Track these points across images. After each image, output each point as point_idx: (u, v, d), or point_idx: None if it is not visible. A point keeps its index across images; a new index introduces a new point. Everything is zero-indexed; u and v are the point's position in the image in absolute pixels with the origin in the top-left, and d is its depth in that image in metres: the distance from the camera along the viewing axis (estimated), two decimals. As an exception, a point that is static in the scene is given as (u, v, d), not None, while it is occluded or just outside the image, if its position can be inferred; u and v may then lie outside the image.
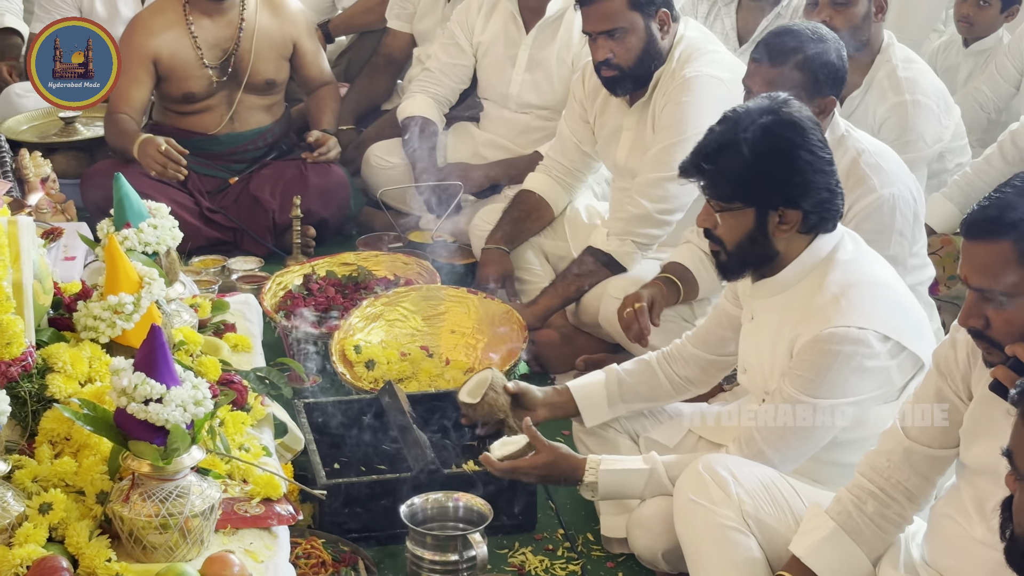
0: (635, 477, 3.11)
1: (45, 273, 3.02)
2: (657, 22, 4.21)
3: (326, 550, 3.19)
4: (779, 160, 2.96)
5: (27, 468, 2.67)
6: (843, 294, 2.98)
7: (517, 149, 5.20)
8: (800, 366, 2.97)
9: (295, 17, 5.37)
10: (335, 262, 4.71)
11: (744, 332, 3.22)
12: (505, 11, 5.19)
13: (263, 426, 3.17)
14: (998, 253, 2.42)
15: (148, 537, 2.54)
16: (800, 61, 3.53)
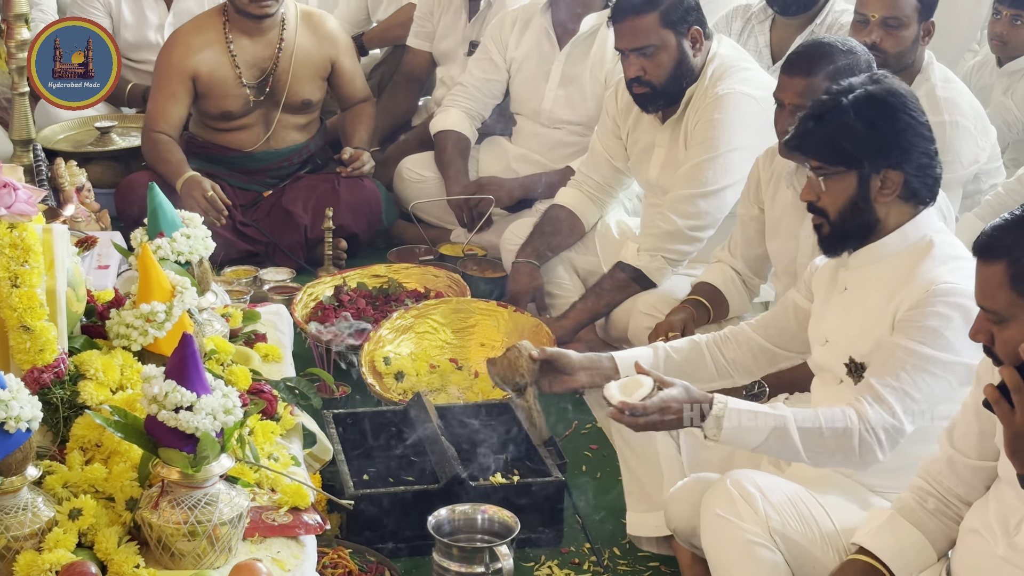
0: (765, 421, 2.95)
1: (79, 281, 3.05)
2: (689, 40, 4.22)
3: (353, 560, 3.20)
4: (882, 122, 2.98)
5: (58, 474, 2.70)
6: (952, 262, 2.98)
7: (549, 164, 5.22)
8: (916, 319, 2.93)
9: (334, 38, 5.39)
10: (366, 274, 4.74)
11: (831, 304, 3.17)
12: (539, 27, 5.21)
13: (292, 436, 3.18)
14: (992, 274, 2.46)
15: (176, 544, 2.56)
16: (831, 72, 3.53)
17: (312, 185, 5.32)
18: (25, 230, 2.76)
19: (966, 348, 2.88)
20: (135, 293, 3.08)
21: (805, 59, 3.60)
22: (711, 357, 3.41)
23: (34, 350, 2.77)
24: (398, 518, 3.38)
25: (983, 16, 5.92)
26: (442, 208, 5.37)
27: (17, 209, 2.74)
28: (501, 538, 3.17)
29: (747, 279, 4.09)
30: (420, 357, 4.24)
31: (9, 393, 2.46)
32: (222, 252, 4.41)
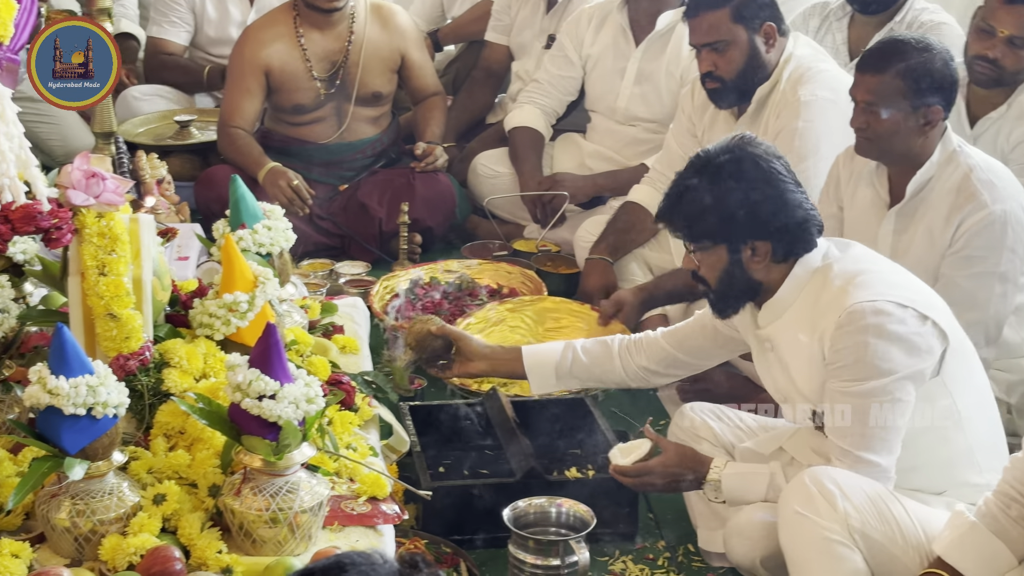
0: (757, 481, 3.11)
1: (164, 270, 3.09)
2: (762, 36, 4.21)
3: (429, 551, 3.23)
4: (736, 196, 3.01)
5: (142, 460, 2.74)
6: (849, 282, 3.00)
7: (623, 161, 5.21)
8: (838, 358, 2.97)
9: (404, 30, 5.42)
10: (439, 269, 4.76)
11: (766, 366, 3.23)
12: (615, 24, 5.21)
13: (370, 427, 3.21)
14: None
15: (258, 531, 2.59)
16: (902, 69, 3.50)
17: (387, 179, 5.35)
18: (113, 219, 2.80)
19: (896, 360, 2.92)
20: (217, 283, 3.11)
21: (878, 56, 3.58)
22: (621, 362, 3.52)
23: (120, 338, 2.81)
24: (474, 510, 3.39)
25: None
26: (516, 204, 5.38)
27: (105, 199, 2.78)
28: (576, 532, 3.18)
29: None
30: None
31: (97, 379, 2.50)
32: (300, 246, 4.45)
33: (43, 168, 2.98)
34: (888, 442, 2.97)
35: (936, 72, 3.49)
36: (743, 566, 3.27)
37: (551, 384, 3.54)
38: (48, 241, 2.76)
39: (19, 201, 2.78)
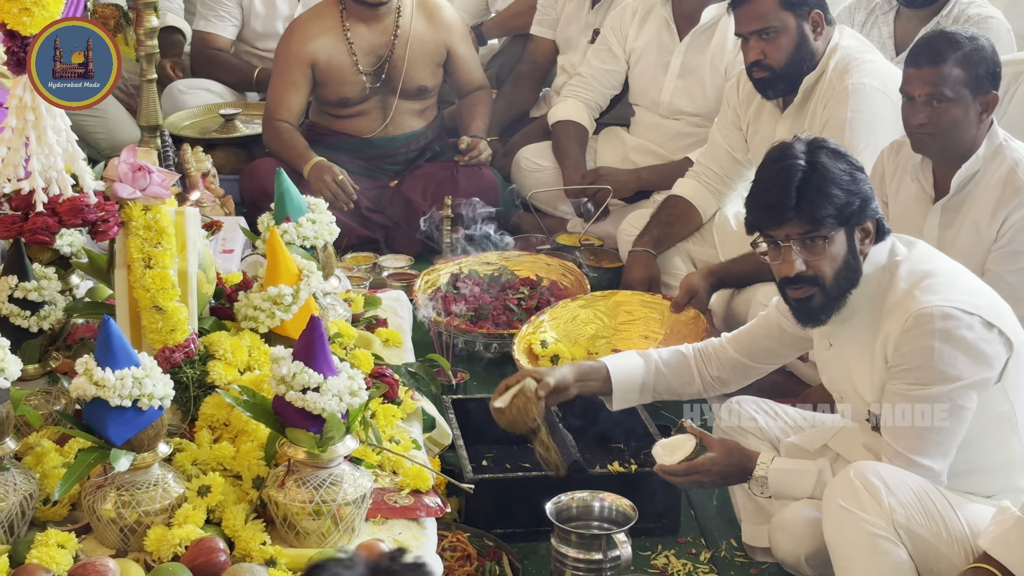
0: (805, 478, 3.10)
1: (209, 263, 3.11)
2: (810, 23, 4.18)
3: (472, 544, 3.23)
4: (855, 175, 2.99)
5: (187, 451, 2.76)
6: (916, 284, 2.97)
7: (667, 155, 5.20)
8: (902, 361, 2.95)
9: (450, 24, 5.43)
10: (478, 261, 4.77)
11: (824, 361, 3.21)
12: (659, 18, 5.20)
13: (412, 420, 3.22)
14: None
15: (301, 523, 2.60)
16: (959, 58, 3.47)
17: (431, 173, 5.37)
18: (159, 212, 2.82)
19: (961, 367, 2.90)
20: (262, 276, 3.13)
21: (931, 49, 3.55)
22: (698, 373, 3.48)
23: (166, 330, 2.83)
24: (516, 503, 3.40)
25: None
26: (559, 198, 5.37)
27: (152, 192, 2.80)
28: (619, 526, 3.18)
29: None
30: (580, 343, 4.28)
31: (143, 371, 2.52)
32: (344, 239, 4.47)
33: (89, 161, 3.01)
34: (944, 447, 2.96)
35: (989, 59, 3.49)
36: (787, 563, 3.26)
37: (634, 399, 3.49)
38: (95, 234, 2.78)
39: (66, 194, 2.80)
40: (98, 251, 3.15)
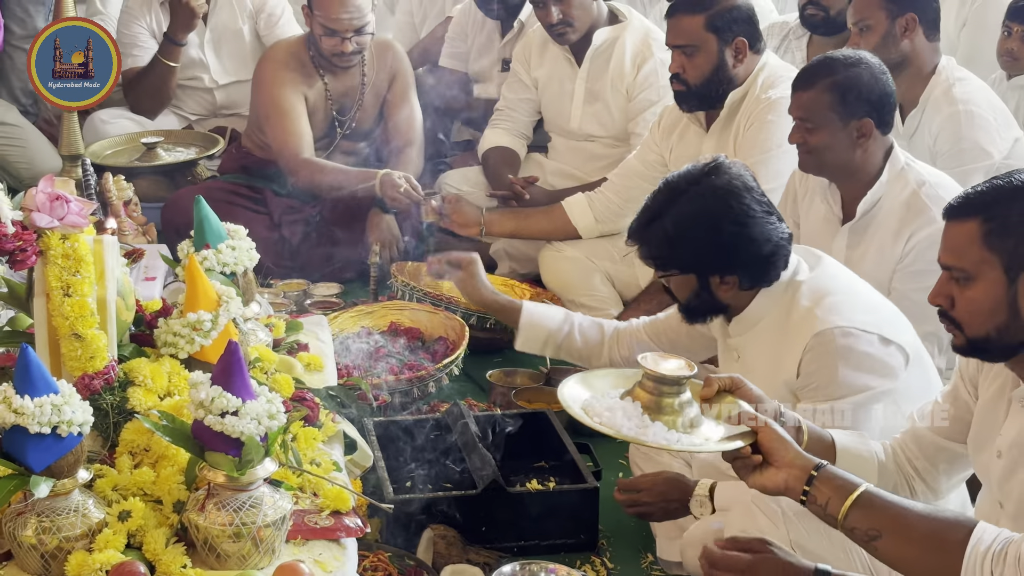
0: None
1: (128, 290, 3.13)
2: (732, 49, 4.29)
3: (392, 563, 3.27)
4: (703, 232, 3.06)
5: (108, 477, 2.77)
6: (816, 304, 3.07)
7: (584, 177, 5.28)
8: (809, 381, 3.04)
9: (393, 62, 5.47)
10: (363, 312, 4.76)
11: (735, 371, 3.24)
12: (557, 48, 5.29)
13: (334, 442, 3.24)
14: (964, 232, 2.48)
15: (222, 545, 2.62)
16: (828, 84, 3.59)
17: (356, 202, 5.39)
18: (77, 241, 2.84)
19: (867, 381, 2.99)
20: (182, 303, 3.15)
21: (807, 73, 3.69)
22: (608, 350, 3.60)
23: (85, 357, 2.85)
24: (436, 522, 3.44)
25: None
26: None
27: (69, 221, 2.82)
28: None
29: None
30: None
31: (61, 398, 2.53)
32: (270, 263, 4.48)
33: (9, 191, 3.03)
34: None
35: (863, 85, 3.57)
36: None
37: (536, 349, 3.64)
38: (13, 263, 2.79)
39: (-16, 224, 2.81)
40: (17, 280, 3.16)
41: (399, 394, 4.08)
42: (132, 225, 4.65)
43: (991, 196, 2.48)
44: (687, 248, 3.07)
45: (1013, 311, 2.45)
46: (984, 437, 2.67)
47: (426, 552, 3.35)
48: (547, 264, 4.95)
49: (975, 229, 2.46)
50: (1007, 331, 2.46)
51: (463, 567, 3.28)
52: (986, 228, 2.46)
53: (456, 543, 3.35)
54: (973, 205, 2.49)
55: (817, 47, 5.29)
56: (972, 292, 2.48)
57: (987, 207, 2.47)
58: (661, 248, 3.10)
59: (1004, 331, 2.46)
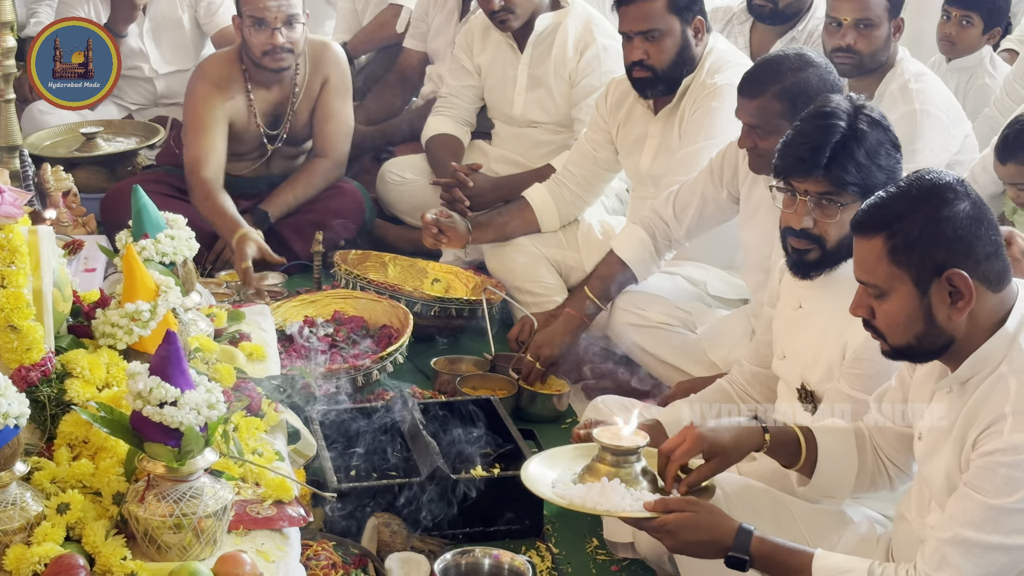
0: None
1: (64, 281, 3.10)
2: (692, 29, 4.29)
3: (336, 552, 3.26)
4: (892, 148, 3.02)
5: (46, 470, 2.75)
6: None
7: (528, 163, 5.28)
8: (856, 366, 2.99)
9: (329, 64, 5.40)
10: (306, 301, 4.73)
11: (787, 319, 3.23)
12: (499, 35, 5.28)
13: (276, 432, 3.24)
14: (871, 249, 2.52)
15: (162, 536, 2.61)
16: (778, 91, 3.57)
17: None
18: (11, 232, 2.81)
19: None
20: (120, 293, 3.13)
21: (755, 79, 3.66)
22: (738, 400, 3.45)
23: (21, 349, 2.82)
24: (381, 511, 3.43)
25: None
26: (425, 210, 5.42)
27: (3, 211, 2.79)
28: None
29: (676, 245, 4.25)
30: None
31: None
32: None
33: (-57, 183, 2.99)
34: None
35: (813, 89, 3.53)
36: (650, 559, 3.34)
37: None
38: (-53, 255, 2.77)
39: (-83, 216, 2.78)
40: (-48, 272, 3.13)
41: (343, 383, 4.06)
42: (71, 216, 4.60)
43: (892, 210, 2.52)
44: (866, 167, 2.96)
45: (929, 320, 2.50)
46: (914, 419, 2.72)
47: (370, 541, 3.34)
48: (492, 252, 4.93)
49: (880, 246, 2.51)
50: (926, 338, 2.52)
51: (408, 555, 3.27)
52: (890, 245, 2.50)
53: (400, 531, 3.35)
54: (875, 221, 2.53)
55: (760, 33, 5.32)
56: (887, 306, 2.53)
57: (888, 223, 2.51)
58: (846, 171, 2.96)
59: (923, 338, 2.53)
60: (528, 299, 4.78)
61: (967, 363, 2.51)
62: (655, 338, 4.25)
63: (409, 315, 4.42)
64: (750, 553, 2.66)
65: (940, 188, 2.50)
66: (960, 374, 2.53)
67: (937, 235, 2.47)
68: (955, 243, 2.46)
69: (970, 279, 2.45)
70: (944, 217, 2.46)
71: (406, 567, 3.23)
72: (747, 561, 2.67)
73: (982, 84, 5.38)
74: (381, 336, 4.48)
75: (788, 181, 3.07)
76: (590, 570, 3.47)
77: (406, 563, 3.24)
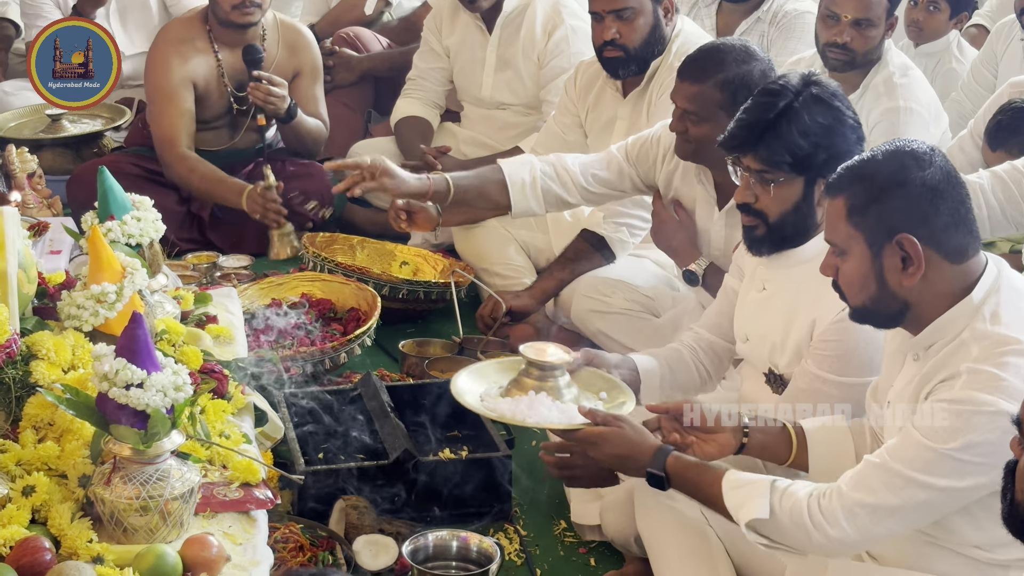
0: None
1: (30, 263, 3.08)
2: (663, 9, 4.29)
3: (304, 535, 3.26)
4: (834, 128, 3.01)
5: (11, 452, 2.73)
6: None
7: (497, 145, 5.28)
8: (824, 347, 3.00)
9: (302, 53, 5.38)
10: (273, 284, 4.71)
11: (750, 301, 3.23)
12: (467, 16, 5.27)
13: (244, 414, 3.22)
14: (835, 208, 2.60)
15: (129, 519, 2.60)
16: (720, 80, 3.57)
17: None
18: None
19: (868, 367, 2.96)
20: (86, 275, 3.11)
21: (698, 64, 3.65)
22: (695, 368, 3.43)
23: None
24: (348, 493, 3.43)
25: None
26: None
27: (-33, 193, 2.78)
28: (480, 567, 3.10)
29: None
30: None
31: (-39, 372, 2.50)
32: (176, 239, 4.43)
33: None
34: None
35: (754, 84, 3.49)
36: (617, 541, 3.35)
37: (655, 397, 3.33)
38: (-91, 236, 2.74)
39: None
40: (-85, 254, 3.10)
41: (311, 365, 4.06)
42: (36, 198, 4.58)
43: (856, 173, 2.59)
44: (815, 144, 2.98)
45: (881, 282, 2.57)
46: (883, 390, 2.75)
47: (338, 523, 3.33)
48: (461, 234, 4.93)
49: (841, 206, 2.59)
50: (880, 301, 2.59)
51: (376, 537, 3.27)
52: (849, 204, 2.57)
53: (368, 513, 3.34)
54: (841, 181, 2.61)
55: (726, 15, 5.32)
56: (846, 265, 2.61)
57: (850, 183, 2.58)
58: (788, 144, 2.98)
59: (878, 301, 2.59)
60: (497, 281, 4.78)
61: (928, 329, 2.56)
62: (617, 324, 4.26)
63: (377, 298, 4.42)
64: (666, 470, 2.77)
65: (904, 155, 2.56)
66: (921, 339, 2.57)
67: (892, 198, 2.53)
68: (910, 209, 2.52)
69: (920, 246, 2.50)
70: (902, 182, 2.53)
71: (374, 549, 3.24)
72: (663, 478, 2.77)
73: (949, 69, 5.42)
74: (349, 319, 4.47)
75: (736, 157, 3.10)
76: (558, 552, 3.48)
77: (374, 545, 3.24)
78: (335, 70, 5.87)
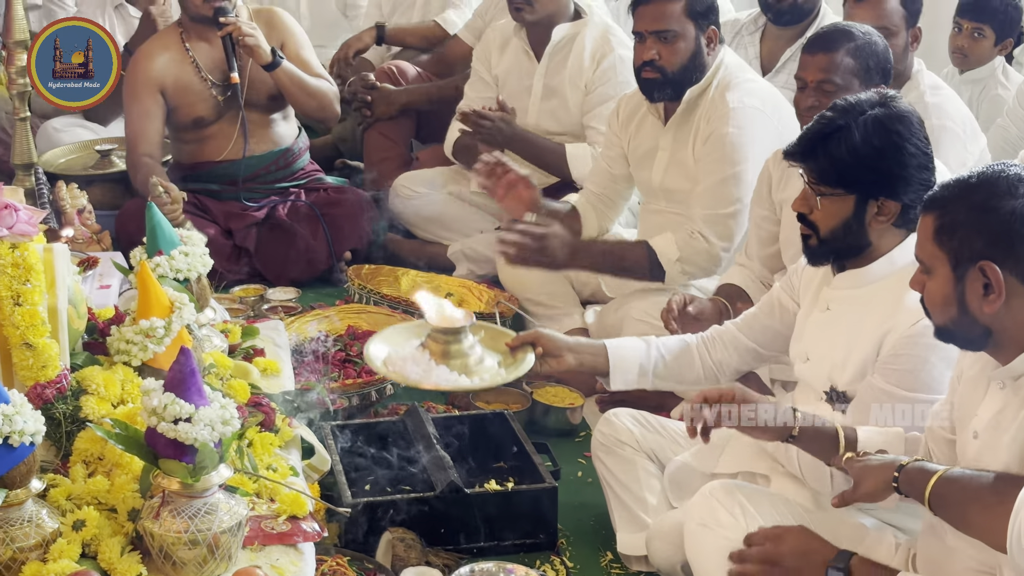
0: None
1: (79, 299, 3.12)
2: (706, 37, 4.30)
3: (351, 567, 3.27)
4: (887, 151, 2.98)
5: (61, 487, 2.76)
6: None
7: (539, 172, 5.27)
8: (894, 361, 2.97)
9: (281, 27, 5.42)
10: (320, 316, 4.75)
11: (812, 321, 3.19)
12: (517, 44, 5.32)
13: (291, 447, 3.24)
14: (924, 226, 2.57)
15: (178, 553, 2.62)
16: (852, 48, 3.67)
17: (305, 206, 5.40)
18: (26, 250, 2.83)
19: (936, 386, 2.93)
20: (135, 310, 3.14)
21: (826, 38, 3.74)
22: (699, 358, 3.45)
23: (37, 367, 2.84)
24: (395, 525, 3.44)
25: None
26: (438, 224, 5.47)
27: (18, 229, 2.81)
28: None
29: (764, 279, 4.13)
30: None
31: (12, 408, 2.52)
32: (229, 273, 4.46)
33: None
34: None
35: (880, 53, 3.67)
36: (664, 570, 3.34)
37: (632, 382, 3.43)
38: (-38, 273, 2.78)
39: (-67, 234, 2.80)
40: (-33, 291, 3.14)
41: (357, 397, 4.08)
42: (86, 233, 4.62)
43: (948, 193, 2.55)
44: (867, 164, 2.97)
45: (962, 307, 2.52)
46: (963, 418, 2.69)
47: (385, 555, 3.34)
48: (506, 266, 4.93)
49: (930, 224, 2.55)
50: (961, 324, 2.54)
51: (423, 569, 3.28)
52: (937, 224, 2.53)
53: (415, 546, 3.35)
54: (934, 200, 2.58)
55: (772, 41, 5.30)
56: (931, 284, 2.58)
57: (942, 204, 2.55)
58: (840, 163, 2.99)
59: (958, 324, 2.55)
60: (541, 312, 4.79)
61: (1019, 359, 2.51)
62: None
63: None
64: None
65: (997, 180, 2.51)
66: (1014, 368, 2.52)
67: (979, 224, 2.48)
68: (997, 236, 2.47)
69: (1001, 274, 2.46)
70: (992, 208, 2.48)
71: None
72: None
73: (995, 95, 5.39)
74: None
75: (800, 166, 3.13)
76: (605, 584, 3.48)
77: None
78: (375, 104, 5.94)
